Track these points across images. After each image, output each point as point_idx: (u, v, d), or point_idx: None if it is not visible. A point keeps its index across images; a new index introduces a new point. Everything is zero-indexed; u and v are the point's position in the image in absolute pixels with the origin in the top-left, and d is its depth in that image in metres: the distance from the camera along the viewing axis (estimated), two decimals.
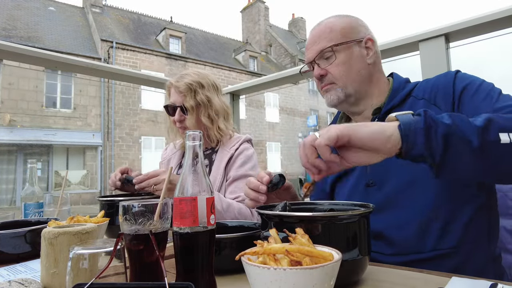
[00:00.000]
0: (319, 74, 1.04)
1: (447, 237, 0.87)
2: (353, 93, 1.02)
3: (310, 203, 0.87)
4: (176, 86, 1.51)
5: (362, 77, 1.03)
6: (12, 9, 16.66)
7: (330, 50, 1.01)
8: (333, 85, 1.03)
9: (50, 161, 15.29)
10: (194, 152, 0.63)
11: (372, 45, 1.05)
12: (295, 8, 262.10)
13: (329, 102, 1.05)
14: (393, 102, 1.00)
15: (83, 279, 0.56)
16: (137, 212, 0.60)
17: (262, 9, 27.49)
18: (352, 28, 1.04)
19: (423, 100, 0.96)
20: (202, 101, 1.51)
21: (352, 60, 1.02)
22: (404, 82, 1.06)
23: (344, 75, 1.01)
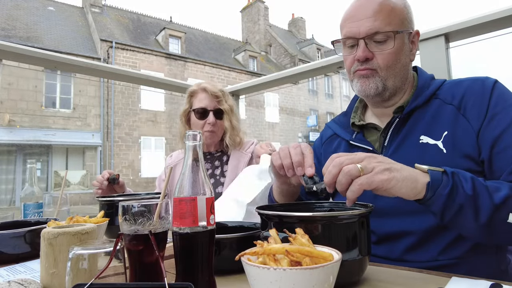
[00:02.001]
0: (365, 56, 0.90)
1: (454, 248, 0.84)
2: (391, 87, 0.93)
3: (310, 203, 0.87)
4: (212, 91, 1.62)
5: (404, 73, 0.94)
6: (11, 9, 16.64)
7: (390, 35, 0.88)
8: (374, 73, 0.92)
9: (49, 161, 15.28)
10: (194, 152, 0.62)
11: (417, 40, 0.96)
12: (295, 8, 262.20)
13: (364, 90, 0.94)
14: (417, 102, 0.92)
15: (82, 279, 0.56)
16: (136, 212, 0.60)
17: (262, 9, 27.49)
18: (409, 15, 0.93)
19: (452, 106, 0.88)
20: (231, 106, 1.68)
21: (402, 53, 0.92)
22: (429, 79, 0.98)
23: (391, 66, 0.91)
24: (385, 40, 0.89)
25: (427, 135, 0.89)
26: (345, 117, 1.10)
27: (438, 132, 0.87)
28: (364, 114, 1.09)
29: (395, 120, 0.95)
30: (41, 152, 15.08)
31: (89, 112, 16.02)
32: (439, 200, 0.68)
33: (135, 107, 17.01)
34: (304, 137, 23.87)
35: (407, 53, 0.94)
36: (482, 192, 0.69)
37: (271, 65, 25.29)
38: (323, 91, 25.56)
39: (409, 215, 0.88)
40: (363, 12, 0.90)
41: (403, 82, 0.96)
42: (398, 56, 0.91)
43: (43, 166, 15.10)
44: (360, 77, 0.94)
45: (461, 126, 0.86)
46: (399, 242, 0.89)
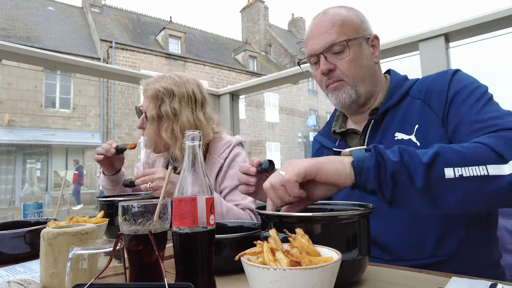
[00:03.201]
0: (327, 68, 0.96)
1: (446, 244, 0.86)
2: (364, 92, 0.98)
3: None
4: (144, 90, 1.36)
5: (371, 76, 0.99)
6: (11, 9, 16.64)
7: (343, 44, 0.94)
8: (343, 83, 0.97)
9: (49, 161, 15.27)
10: (193, 152, 0.62)
11: (377, 43, 1.02)
12: (295, 8, 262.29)
13: (339, 101, 0.99)
14: (390, 102, 0.97)
15: (82, 279, 0.56)
16: (136, 213, 0.60)
17: (262, 9, 27.49)
18: (362, 23, 0.99)
19: (419, 101, 0.93)
20: (166, 112, 1.32)
21: (362, 58, 0.97)
22: (402, 80, 1.02)
23: (355, 72, 0.96)
24: (342, 50, 0.95)
25: (401, 131, 0.93)
26: (328, 127, 1.15)
27: (410, 127, 0.91)
28: (346, 121, 1.14)
29: (370, 121, 0.99)
30: (41, 152, 15.07)
31: (89, 112, 16.01)
32: (370, 173, 0.67)
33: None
34: (304, 137, 23.88)
35: (368, 57, 0.99)
36: (409, 155, 0.68)
37: (271, 65, 25.29)
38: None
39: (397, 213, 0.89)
40: (318, 30, 0.98)
41: (374, 84, 1.00)
42: (359, 61, 0.97)
43: (43, 166, 15.10)
44: (333, 90, 0.99)
45: (428, 117, 0.90)
46: (390, 241, 0.90)
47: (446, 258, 0.85)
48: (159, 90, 1.33)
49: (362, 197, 0.95)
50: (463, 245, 0.85)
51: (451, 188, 0.65)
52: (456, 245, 0.85)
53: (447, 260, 0.85)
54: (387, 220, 0.90)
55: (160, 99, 1.33)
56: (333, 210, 0.80)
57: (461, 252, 0.85)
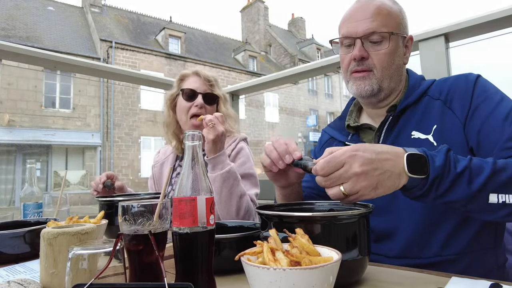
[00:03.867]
0: (361, 55, 0.93)
1: (453, 244, 0.86)
2: (386, 88, 0.97)
3: (310, 203, 0.87)
4: (205, 75, 1.54)
5: (398, 75, 0.98)
6: (11, 9, 16.63)
7: (385, 36, 0.92)
8: (370, 74, 0.95)
9: (49, 161, 15.27)
10: (193, 152, 0.62)
11: (411, 45, 1.01)
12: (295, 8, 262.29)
13: (360, 91, 0.97)
14: (409, 100, 0.96)
15: (82, 279, 0.56)
16: (136, 213, 0.60)
17: (262, 9, 27.49)
18: (404, 20, 0.98)
19: (439, 101, 0.92)
20: (224, 95, 1.59)
21: (396, 54, 0.96)
22: (420, 80, 1.02)
23: (386, 66, 0.94)
24: (380, 40, 0.93)
25: (418, 130, 0.92)
26: (341, 121, 1.14)
27: (428, 127, 0.91)
28: (359, 116, 1.12)
29: (388, 118, 0.98)
30: (40, 152, 15.07)
31: (88, 112, 16.01)
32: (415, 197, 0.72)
33: (135, 107, 17.01)
34: (304, 137, 23.88)
35: (401, 56, 0.98)
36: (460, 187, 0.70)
37: (271, 65, 25.29)
38: (323, 91, 25.57)
39: (405, 211, 0.89)
40: (361, 14, 0.95)
41: (397, 83, 1.00)
42: (392, 57, 0.95)
43: (42, 166, 15.10)
44: (356, 79, 0.97)
45: (448, 119, 0.90)
46: (398, 239, 0.90)
47: (453, 258, 0.85)
48: (214, 77, 1.58)
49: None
50: (471, 246, 0.85)
51: (490, 210, 0.71)
52: (464, 246, 0.85)
53: (453, 260, 0.85)
54: (396, 217, 0.91)
55: (216, 83, 1.57)
56: (333, 210, 0.80)
57: (468, 253, 0.85)
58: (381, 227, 0.93)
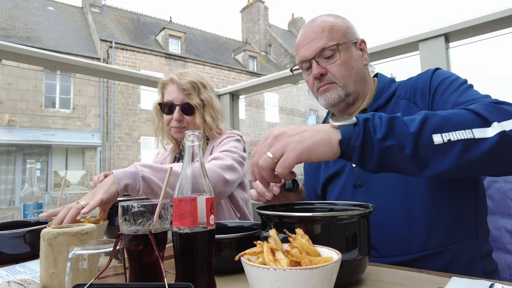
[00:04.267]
0: (319, 72, 1.01)
1: (434, 237, 0.87)
2: (352, 92, 1.02)
3: (309, 203, 0.87)
4: (179, 84, 1.45)
5: (361, 77, 1.04)
6: (11, 9, 16.64)
7: (334, 48, 0.99)
8: (334, 85, 1.02)
9: (49, 161, 15.27)
10: (193, 152, 0.62)
11: (365, 47, 1.07)
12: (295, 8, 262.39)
13: (329, 101, 1.03)
14: (378, 103, 1.01)
15: (82, 279, 0.56)
16: (136, 213, 0.60)
17: (262, 9, 27.49)
18: (349, 28, 1.05)
19: (405, 100, 0.97)
20: (206, 100, 1.49)
21: (352, 60, 1.02)
22: (389, 82, 1.07)
23: (345, 74, 1.01)
24: (332, 54, 1.00)
25: None
26: None
27: None
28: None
29: None
30: (40, 152, 15.07)
31: (88, 112, 16.01)
32: (355, 152, 0.68)
33: (135, 107, 17.01)
34: None
35: (358, 60, 1.04)
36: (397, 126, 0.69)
37: (271, 65, 25.29)
38: None
39: (387, 209, 0.90)
40: (308, 36, 1.03)
41: (362, 85, 1.05)
42: (349, 63, 1.01)
43: (42, 166, 15.10)
44: (322, 92, 1.03)
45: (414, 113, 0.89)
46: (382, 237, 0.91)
47: (436, 251, 0.86)
48: (195, 82, 1.48)
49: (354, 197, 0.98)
50: (451, 238, 0.86)
51: (441, 153, 0.67)
52: (444, 238, 0.86)
53: (436, 253, 0.86)
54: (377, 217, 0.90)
55: (197, 89, 1.49)
56: (333, 210, 0.80)
57: (449, 245, 0.86)
58: None
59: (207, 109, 1.50)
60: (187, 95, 1.46)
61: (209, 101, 1.51)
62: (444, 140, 0.66)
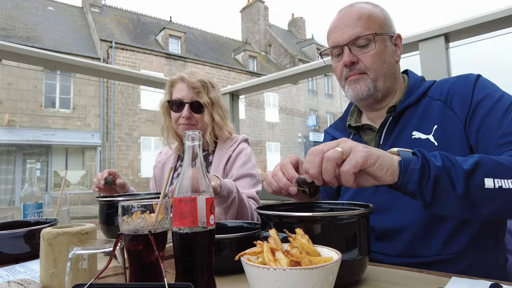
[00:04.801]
0: (350, 60, 0.96)
1: (454, 243, 0.86)
2: (382, 88, 0.98)
3: (310, 203, 0.87)
4: (190, 82, 1.47)
5: (392, 73, 1.00)
6: (11, 9, 16.63)
7: (370, 38, 0.95)
8: (364, 76, 0.97)
9: (49, 161, 15.27)
10: (193, 152, 0.62)
11: (400, 43, 1.03)
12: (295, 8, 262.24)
13: (357, 93, 0.98)
14: (409, 100, 0.97)
15: (82, 279, 0.56)
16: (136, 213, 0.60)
17: (262, 9, 27.48)
18: (387, 20, 1.00)
19: (439, 102, 0.93)
20: (215, 99, 1.51)
21: (385, 54, 0.98)
22: (420, 80, 1.03)
23: (378, 67, 0.96)
24: (367, 43, 0.96)
25: (419, 130, 0.93)
26: (342, 122, 1.15)
27: (429, 127, 0.92)
28: (360, 117, 1.13)
29: (388, 119, 0.99)
30: (40, 152, 15.07)
31: (88, 112, 16.01)
32: (414, 175, 0.68)
33: (135, 107, 17.00)
34: (304, 137, 23.88)
35: (391, 54, 1.00)
36: (451, 161, 0.70)
37: (271, 65, 25.28)
38: (323, 91, 25.57)
39: (406, 210, 0.89)
40: (343, 22, 0.98)
41: (392, 82, 1.01)
42: (382, 56, 0.97)
43: (42, 166, 15.09)
44: (351, 82, 0.99)
45: (449, 118, 0.90)
46: (399, 238, 0.90)
47: (454, 257, 0.85)
48: (205, 81, 1.50)
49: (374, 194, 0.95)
50: (471, 245, 0.85)
51: (490, 197, 0.68)
52: (464, 245, 0.85)
53: (454, 259, 0.85)
54: (398, 216, 0.91)
55: (206, 87, 1.50)
56: (333, 210, 0.80)
57: (468, 252, 0.85)
58: (382, 226, 0.93)
59: (216, 108, 1.52)
60: (196, 93, 1.48)
61: (218, 100, 1.53)
62: (496, 186, 0.68)
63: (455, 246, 0.86)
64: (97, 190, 1.45)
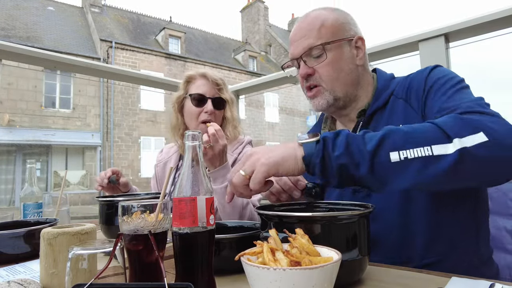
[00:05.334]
0: (306, 73, 0.97)
1: (435, 246, 0.85)
2: (342, 96, 0.98)
3: (309, 203, 0.87)
4: (213, 78, 1.49)
5: (351, 79, 0.98)
6: (11, 9, 16.63)
7: (321, 48, 0.94)
8: (321, 89, 0.97)
9: (49, 161, 15.27)
10: (193, 152, 0.62)
11: (362, 45, 0.99)
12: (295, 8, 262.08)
13: (317, 107, 1.00)
14: (377, 104, 0.96)
15: (82, 279, 0.56)
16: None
17: (262, 9, 27.48)
18: (343, 25, 0.98)
19: (401, 100, 0.93)
20: (232, 98, 1.55)
21: (342, 61, 0.96)
22: (389, 80, 1.01)
23: (333, 76, 0.95)
24: (321, 53, 0.95)
25: None
26: (317, 128, 1.17)
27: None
28: (335, 123, 1.13)
29: (359, 124, 0.99)
30: (40, 152, 15.07)
31: (88, 112, 16.01)
32: (316, 168, 0.70)
33: (135, 107, 17.01)
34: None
35: (349, 60, 0.97)
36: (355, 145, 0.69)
37: (271, 65, 25.29)
38: None
39: (387, 215, 0.88)
40: (297, 34, 0.98)
41: (354, 87, 0.99)
42: (337, 65, 0.96)
43: (42, 166, 15.10)
44: (311, 98, 1.00)
45: (410, 116, 0.90)
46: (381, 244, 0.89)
47: (436, 260, 0.84)
48: (223, 80, 1.54)
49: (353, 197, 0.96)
50: (453, 245, 0.85)
51: (398, 171, 0.66)
52: (446, 246, 0.85)
53: (436, 262, 0.84)
54: (377, 222, 0.88)
55: (225, 86, 1.54)
56: (333, 210, 0.80)
57: (451, 252, 0.85)
58: None
59: (234, 106, 1.57)
60: (219, 90, 1.50)
61: (234, 100, 1.57)
62: (401, 158, 0.65)
63: (436, 249, 0.85)
64: (100, 188, 1.45)
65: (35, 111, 14.74)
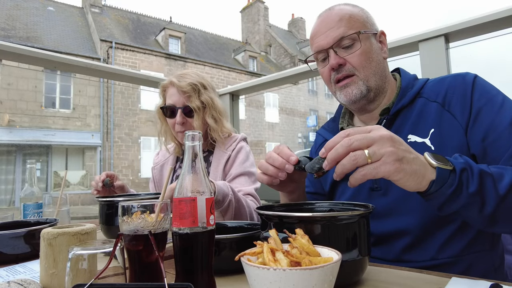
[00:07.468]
0: (337, 63, 0.94)
1: (449, 248, 0.85)
2: (374, 87, 0.95)
3: (310, 203, 0.87)
4: (179, 86, 1.45)
5: (381, 71, 0.97)
6: (11, 9, 16.64)
7: (354, 37, 0.92)
8: (354, 78, 0.94)
9: (49, 162, 15.27)
10: (193, 152, 0.62)
11: (385, 39, 1.01)
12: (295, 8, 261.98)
13: (349, 98, 0.95)
14: (402, 102, 0.94)
15: (82, 279, 0.56)
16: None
17: (262, 9, 27.49)
18: (369, 18, 0.98)
19: (436, 104, 0.90)
20: (206, 101, 1.48)
21: (372, 52, 0.95)
22: (413, 79, 1.00)
23: (366, 65, 0.93)
24: (352, 43, 0.94)
25: (414, 133, 0.90)
26: (334, 123, 1.13)
27: (425, 130, 0.89)
28: (353, 118, 1.11)
29: (382, 122, 0.96)
30: (40, 152, 15.07)
31: (88, 112, 16.01)
32: (441, 197, 0.67)
33: (135, 107, 17.01)
34: (304, 137, 23.87)
35: (378, 51, 0.97)
36: (488, 185, 0.68)
37: (271, 65, 25.29)
38: (323, 91, 25.57)
39: (404, 215, 0.88)
40: (325, 25, 0.96)
41: (383, 80, 0.98)
42: (369, 54, 0.94)
43: (42, 166, 15.09)
44: (342, 87, 0.96)
45: (447, 122, 0.87)
46: (395, 243, 0.90)
47: (449, 261, 0.84)
48: (195, 84, 1.48)
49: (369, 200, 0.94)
50: (467, 250, 0.85)
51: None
52: (460, 249, 0.85)
53: (449, 263, 0.84)
54: (393, 221, 0.90)
55: (197, 91, 1.48)
56: (333, 210, 0.80)
57: (463, 256, 0.85)
58: (379, 231, 0.92)
59: (208, 110, 1.49)
60: (187, 98, 1.46)
61: (210, 103, 1.50)
62: None
63: (450, 251, 0.85)
64: (96, 193, 1.45)
65: (35, 111, 14.74)
